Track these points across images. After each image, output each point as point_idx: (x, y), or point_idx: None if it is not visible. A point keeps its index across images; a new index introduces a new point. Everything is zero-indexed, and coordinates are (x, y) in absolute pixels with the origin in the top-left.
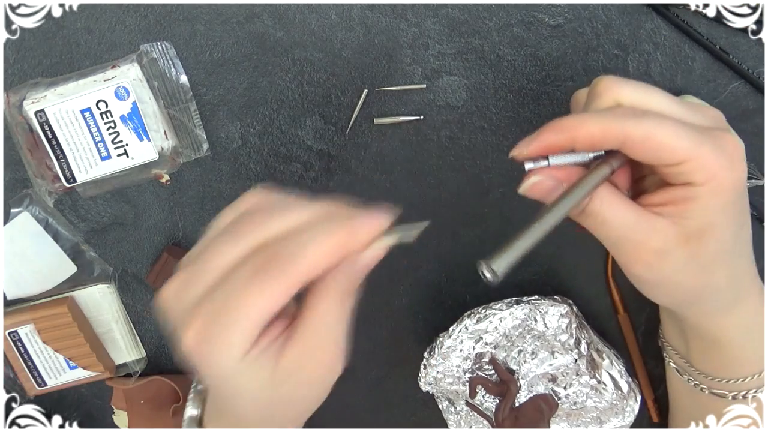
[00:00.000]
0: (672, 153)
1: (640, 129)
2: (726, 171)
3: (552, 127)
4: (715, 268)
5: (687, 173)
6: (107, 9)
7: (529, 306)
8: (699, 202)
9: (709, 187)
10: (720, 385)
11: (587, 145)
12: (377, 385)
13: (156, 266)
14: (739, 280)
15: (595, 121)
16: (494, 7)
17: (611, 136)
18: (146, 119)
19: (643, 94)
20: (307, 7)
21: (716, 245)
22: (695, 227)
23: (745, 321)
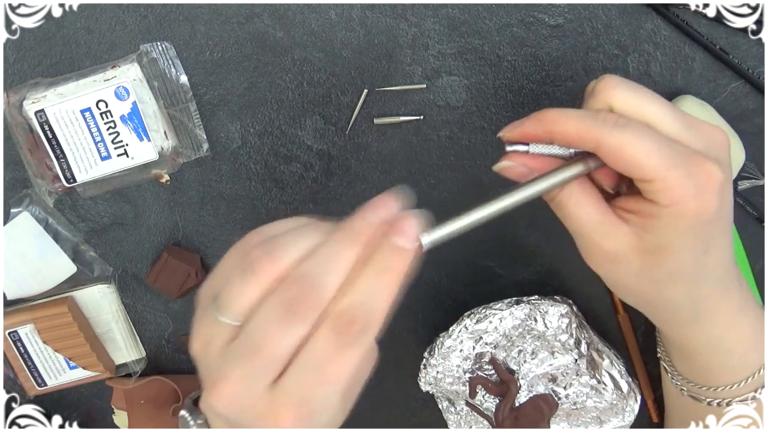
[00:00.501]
0: (640, 169)
1: (613, 139)
2: (691, 199)
3: (534, 116)
4: (670, 285)
5: (652, 192)
6: (107, 9)
7: (529, 306)
8: (660, 221)
9: (672, 211)
10: (696, 390)
11: (563, 142)
12: (377, 385)
13: (156, 266)
14: (700, 302)
15: (574, 120)
16: (494, 7)
17: (586, 139)
18: (146, 119)
19: (639, 100)
20: (307, 7)
21: (671, 266)
22: (652, 243)
23: (711, 335)
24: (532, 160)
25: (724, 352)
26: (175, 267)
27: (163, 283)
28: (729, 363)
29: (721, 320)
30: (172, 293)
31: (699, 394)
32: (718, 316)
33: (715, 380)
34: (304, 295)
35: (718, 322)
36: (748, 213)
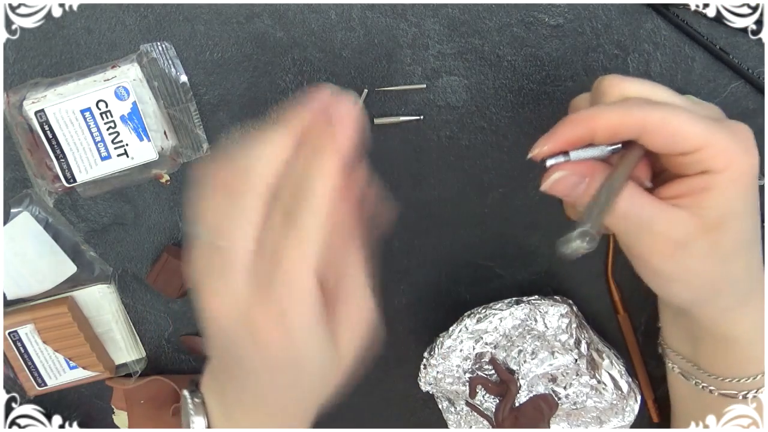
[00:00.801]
0: (689, 139)
1: (656, 115)
2: (743, 157)
3: (570, 120)
4: (734, 258)
5: (704, 161)
6: (107, 9)
7: (529, 306)
8: (717, 190)
9: (727, 175)
10: (729, 384)
11: (607, 136)
12: (377, 385)
13: (156, 266)
14: (755, 271)
15: (612, 110)
16: (494, 7)
17: (630, 124)
18: (146, 119)
19: (649, 88)
20: (307, 7)
21: (736, 234)
22: (715, 217)
23: (756, 318)
24: (580, 166)
25: (761, 336)
26: (175, 267)
27: (163, 283)
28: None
29: (762, 301)
30: (172, 293)
31: (732, 389)
32: (761, 294)
33: (754, 368)
34: (240, 181)
35: (760, 302)
36: None
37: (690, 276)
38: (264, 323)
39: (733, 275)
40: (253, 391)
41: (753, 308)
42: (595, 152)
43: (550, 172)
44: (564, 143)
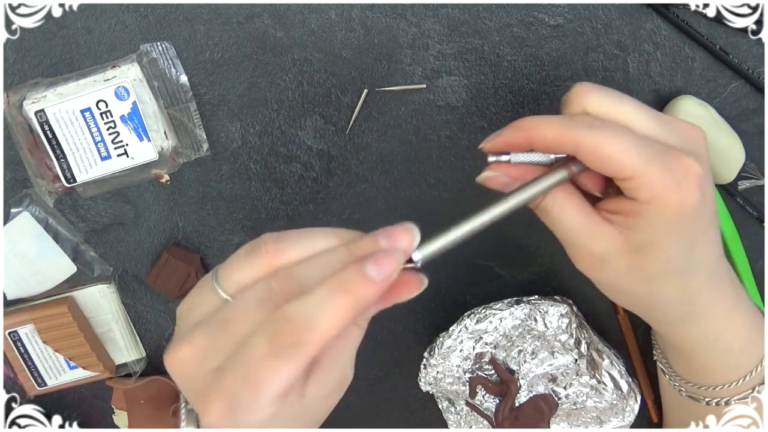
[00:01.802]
0: (618, 167)
1: (590, 139)
2: (671, 193)
3: (512, 125)
4: (661, 282)
5: (633, 189)
6: (107, 9)
7: (529, 306)
8: (643, 218)
9: (653, 207)
10: (695, 390)
11: (542, 147)
12: (377, 385)
13: (156, 266)
14: (692, 298)
15: (551, 125)
16: (494, 7)
17: (564, 142)
18: (146, 119)
19: (613, 103)
20: (307, 7)
21: (659, 262)
22: (638, 241)
23: (706, 333)
24: (514, 169)
25: (721, 350)
26: (175, 267)
27: (163, 283)
28: (727, 361)
29: (716, 317)
30: (172, 293)
31: (698, 394)
32: (712, 312)
33: (714, 379)
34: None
35: (712, 319)
36: (748, 213)
37: (615, 288)
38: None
39: (663, 297)
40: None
41: (698, 327)
42: (536, 158)
43: (487, 168)
44: (503, 145)
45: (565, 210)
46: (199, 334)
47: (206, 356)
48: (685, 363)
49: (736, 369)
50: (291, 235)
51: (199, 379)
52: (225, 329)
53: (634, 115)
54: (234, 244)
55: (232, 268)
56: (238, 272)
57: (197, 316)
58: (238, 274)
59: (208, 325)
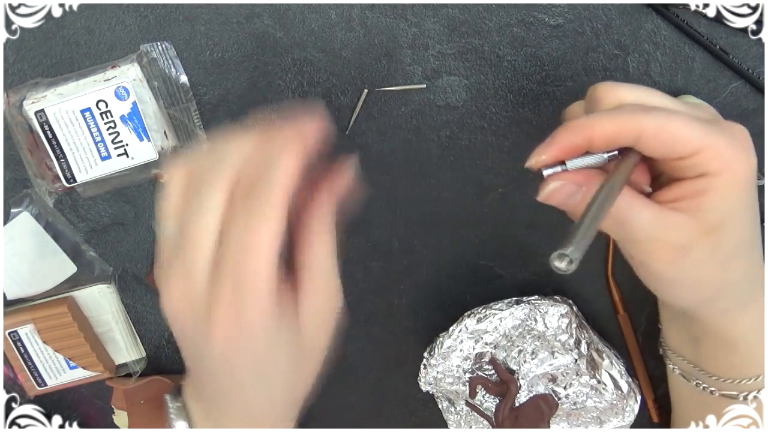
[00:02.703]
0: (686, 143)
1: (653, 121)
2: (740, 159)
3: (567, 129)
4: (735, 260)
5: (702, 164)
6: (107, 9)
7: (529, 306)
8: (716, 193)
9: (725, 177)
10: (730, 386)
11: (604, 144)
12: (377, 385)
13: (156, 266)
14: (755, 273)
15: (608, 118)
16: (494, 7)
17: (626, 131)
18: (146, 119)
19: (644, 94)
20: (307, 7)
21: (736, 236)
22: (714, 219)
23: (758, 319)
24: (577, 176)
25: (762, 337)
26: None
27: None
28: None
29: (763, 302)
30: None
31: (733, 390)
32: (762, 296)
33: (756, 369)
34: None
35: (761, 303)
36: None
37: (692, 280)
38: (221, 324)
39: (733, 277)
40: (223, 395)
41: (753, 310)
42: (592, 160)
43: (546, 181)
44: (560, 152)
45: (634, 208)
46: (174, 262)
47: (192, 274)
48: (730, 357)
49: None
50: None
51: (196, 301)
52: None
53: (666, 102)
54: None
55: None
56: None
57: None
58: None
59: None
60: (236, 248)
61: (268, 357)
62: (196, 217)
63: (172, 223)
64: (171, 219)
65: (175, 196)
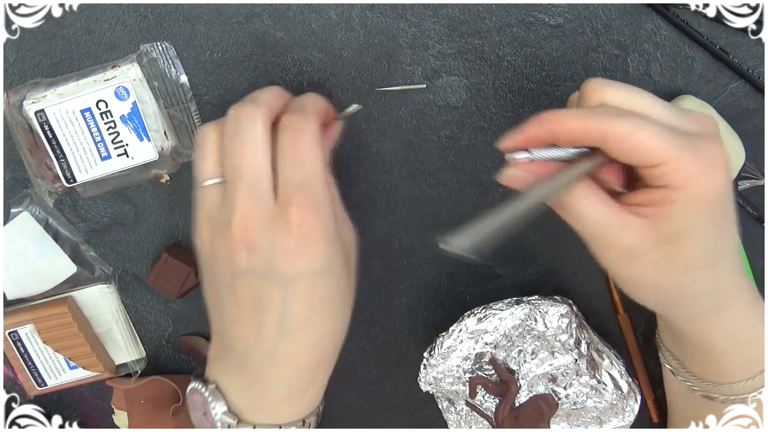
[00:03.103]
0: (650, 154)
1: (619, 128)
2: (703, 177)
3: (535, 120)
4: (693, 273)
5: (664, 176)
6: (107, 9)
7: (529, 306)
8: (676, 206)
9: (687, 192)
10: (711, 388)
11: (568, 140)
12: (377, 385)
13: (156, 266)
14: (721, 288)
15: (575, 117)
16: (494, 7)
17: (591, 133)
18: (146, 119)
19: (630, 95)
20: (307, 7)
21: (692, 250)
22: (671, 230)
23: (730, 328)
24: (536, 166)
25: (741, 345)
26: (175, 267)
27: (163, 283)
28: (747, 355)
29: (738, 311)
30: (172, 293)
31: (714, 393)
32: (735, 306)
33: (733, 375)
34: (243, 110)
35: (735, 313)
36: (748, 213)
37: (646, 283)
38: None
39: (694, 288)
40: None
41: (723, 321)
42: (559, 153)
43: (507, 166)
44: (525, 142)
45: (591, 204)
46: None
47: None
48: (705, 361)
49: (756, 363)
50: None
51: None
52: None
53: (652, 107)
54: None
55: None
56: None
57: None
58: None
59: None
60: (293, 164)
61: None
62: (246, 148)
63: (215, 168)
64: (215, 165)
65: (213, 145)
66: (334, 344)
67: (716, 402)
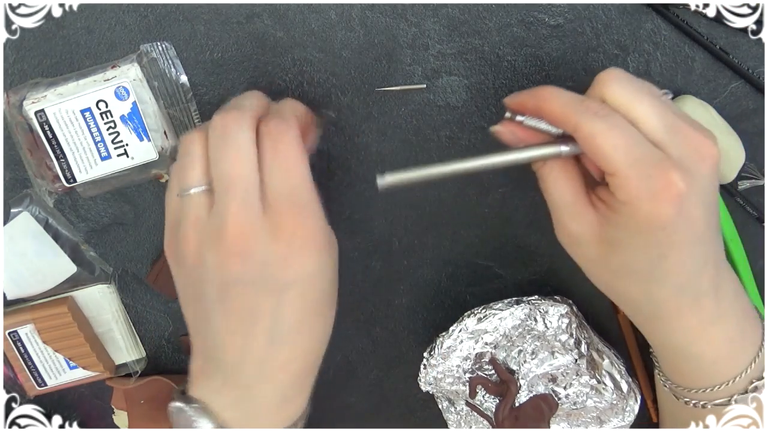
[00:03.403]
0: (605, 161)
1: (588, 127)
2: (643, 201)
3: (532, 90)
4: (625, 279)
5: (613, 186)
6: (107, 9)
7: (529, 306)
8: (617, 216)
9: (626, 208)
10: (674, 388)
11: (549, 119)
12: (377, 385)
13: (156, 266)
14: (658, 304)
15: (561, 101)
16: (494, 7)
17: (566, 121)
18: (146, 119)
19: (631, 96)
20: (307, 7)
21: (622, 261)
22: (609, 235)
23: (672, 340)
24: (522, 131)
25: (691, 356)
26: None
27: (163, 283)
28: (699, 368)
29: (685, 328)
30: (172, 293)
31: (678, 393)
32: (680, 323)
33: (685, 381)
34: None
35: (679, 329)
36: (748, 213)
37: (588, 271)
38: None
39: (627, 293)
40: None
41: (664, 330)
42: (546, 126)
43: (500, 122)
44: (519, 106)
45: (557, 183)
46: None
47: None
48: (662, 361)
49: (709, 377)
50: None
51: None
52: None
53: (648, 115)
54: None
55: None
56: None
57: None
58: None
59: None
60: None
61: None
62: (236, 156)
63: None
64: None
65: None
66: (322, 347)
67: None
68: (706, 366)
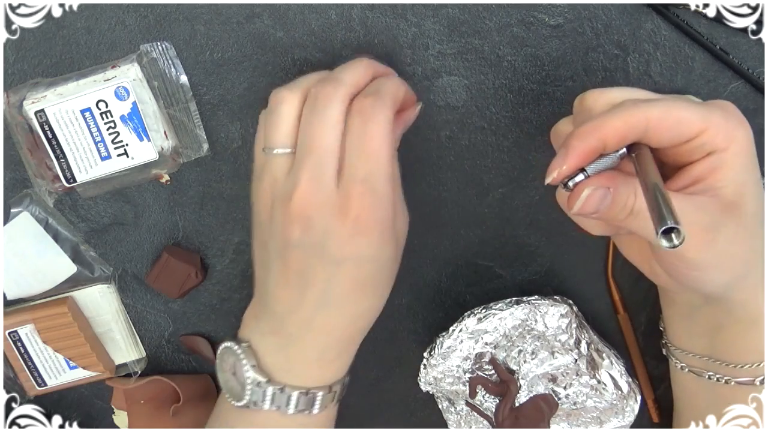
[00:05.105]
0: (690, 125)
1: (656, 110)
2: (740, 130)
3: (578, 135)
4: (758, 229)
5: (708, 142)
6: (107, 9)
7: (529, 306)
8: (727, 167)
9: (732, 150)
10: (746, 371)
11: (617, 141)
12: (377, 385)
13: (156, 266)
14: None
15: (616, 115)
16: (494, 7)
17: (635, 124)
18: (146, 119)
19: (630, 92)
20: (307, 7)
21: (754, 205)
22: (731, 193)
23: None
24: (601, 179)
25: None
26: (175, 267)
27: (163, 283)
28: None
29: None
30: (172, 293)
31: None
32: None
33: (743, 356)
34: (324, 91)
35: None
36: None
37: (724, 258)
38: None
39: (760, 248)
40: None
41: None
42: (608, 161)
43: (576, 192)
44: (579, 160)
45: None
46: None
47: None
48: (749, 339)
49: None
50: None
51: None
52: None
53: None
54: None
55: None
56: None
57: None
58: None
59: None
60: (359, 155)
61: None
62: (321, 129)
63: (287, 140)
64: (287, 136)
65: (289, 115)
66: (369, 321)
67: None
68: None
